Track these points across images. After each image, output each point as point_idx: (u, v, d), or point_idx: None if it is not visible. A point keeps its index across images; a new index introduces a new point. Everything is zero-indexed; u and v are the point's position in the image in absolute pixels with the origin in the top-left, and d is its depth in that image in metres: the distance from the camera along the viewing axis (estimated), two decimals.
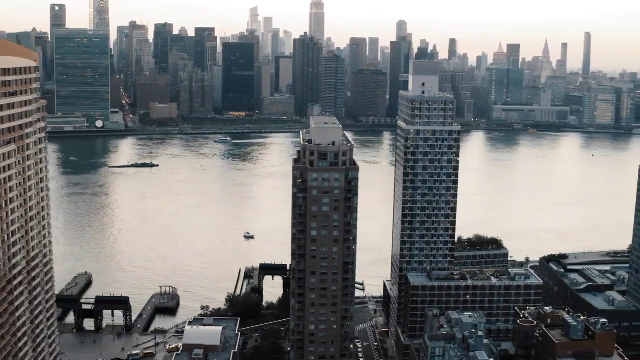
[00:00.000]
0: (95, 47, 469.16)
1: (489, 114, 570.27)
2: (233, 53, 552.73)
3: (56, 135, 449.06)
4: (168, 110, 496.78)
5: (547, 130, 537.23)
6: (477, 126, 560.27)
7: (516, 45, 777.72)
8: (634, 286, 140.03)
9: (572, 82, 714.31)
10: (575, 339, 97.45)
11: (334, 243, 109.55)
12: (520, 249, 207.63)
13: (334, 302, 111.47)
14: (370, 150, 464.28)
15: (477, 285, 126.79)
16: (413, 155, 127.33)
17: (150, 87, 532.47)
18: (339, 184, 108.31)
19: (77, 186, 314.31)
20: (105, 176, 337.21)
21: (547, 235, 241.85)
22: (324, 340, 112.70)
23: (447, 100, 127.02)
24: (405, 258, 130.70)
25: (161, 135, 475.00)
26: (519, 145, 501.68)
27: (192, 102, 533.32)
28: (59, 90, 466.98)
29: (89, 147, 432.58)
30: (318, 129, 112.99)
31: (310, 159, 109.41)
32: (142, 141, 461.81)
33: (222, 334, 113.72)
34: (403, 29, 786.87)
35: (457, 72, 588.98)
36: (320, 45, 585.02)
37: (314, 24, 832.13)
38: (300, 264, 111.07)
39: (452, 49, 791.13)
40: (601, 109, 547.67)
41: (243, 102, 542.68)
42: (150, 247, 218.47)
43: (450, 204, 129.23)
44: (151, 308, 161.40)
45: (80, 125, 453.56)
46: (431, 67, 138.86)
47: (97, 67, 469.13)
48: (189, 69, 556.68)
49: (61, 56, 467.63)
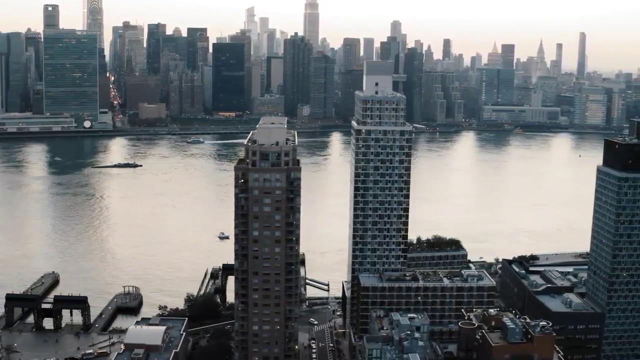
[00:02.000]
0: (84, 48, 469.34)
1: (479, 115, 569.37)
2: (223, 53, 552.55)
3: (44, 135, 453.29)
4: (157, 110, 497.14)
5: (537, 131, 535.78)
6: (467, 126, 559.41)
7: (510, 45, 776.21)
8: (592, 288, 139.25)
9: (566, 82, 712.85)
10: (513, 342, 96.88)
11: (276, 243, 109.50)
12: (496, 249, 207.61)
13: (277, 303, 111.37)
14: None
15: (428, 287, 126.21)
16: (364, 155, 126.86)
17: (139, 87, 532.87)
18: (280, 184, 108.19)
19: (59, 186, 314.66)
20: (88, 176, 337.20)
21: (526, 236, 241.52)
22: (267, 341, 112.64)
23: (398, 100, 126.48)
24: (357, 259, 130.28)
25: (150, 136, 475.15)
26: (509, 145, 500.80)
27: (181, 103, 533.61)
28: (47, 90, 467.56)
29: (76, 148, 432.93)
30: (261, 130, 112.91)
31: (253, 159, 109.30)
32: (131, 141, 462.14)
33: (166, 333, 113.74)
34: (397, 29, 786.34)
35: (447, 73, 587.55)
36: (310, 45, 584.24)
37: (308, 24, 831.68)
38: (243, 264, 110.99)
39: (447, 49, 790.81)
40: (592, 109, 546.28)
41: (233, 103, 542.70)
42: (123, 246, 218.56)
43: (402, 204, 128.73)
44: (112, 308, 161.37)
45: (69, 126, 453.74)
46: (384, 67, 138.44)
47: (85, 68, 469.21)
48: (180, 69, 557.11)
49: (50, 56, 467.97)
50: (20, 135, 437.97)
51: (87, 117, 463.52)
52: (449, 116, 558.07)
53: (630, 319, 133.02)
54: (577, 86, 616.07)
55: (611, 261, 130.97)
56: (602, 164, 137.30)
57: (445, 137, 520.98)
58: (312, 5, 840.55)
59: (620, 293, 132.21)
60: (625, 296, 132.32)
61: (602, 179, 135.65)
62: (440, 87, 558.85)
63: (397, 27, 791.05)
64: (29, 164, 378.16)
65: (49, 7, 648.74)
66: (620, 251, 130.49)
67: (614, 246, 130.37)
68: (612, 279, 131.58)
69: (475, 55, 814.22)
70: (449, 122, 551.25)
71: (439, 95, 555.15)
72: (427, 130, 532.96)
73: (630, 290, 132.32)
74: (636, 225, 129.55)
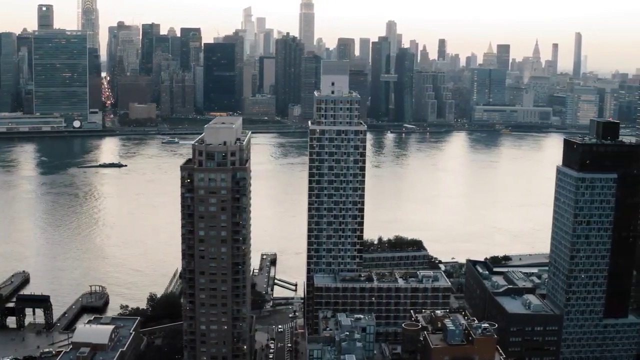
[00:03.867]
0: (74, 48, 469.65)
1: (471, 115, 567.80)
2: (214, 53, 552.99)
3: (34, 135, 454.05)
4: (147, 110, 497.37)
5: (527, 131, 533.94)
6: (458, 127, 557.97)
7: (506, 45, 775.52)
8: (552, 289, 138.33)
9: (561, 82, 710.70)
10: (453, 344, 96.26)
11: (221, 243, 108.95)
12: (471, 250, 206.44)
13: (224, 303, 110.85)
14: None
15: (383, 287, 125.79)
16: (318, 155, 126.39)
17: (131, 87, 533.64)
18: (225, 184, 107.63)
19: (43, 186, 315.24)
20: (73, 176, 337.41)
21: (505, 236, 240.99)
22: (215, 341, 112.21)
23: (352, 100, 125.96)
24: (312, 259, 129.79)
25: (140, 136, 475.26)
26: (500, 146, 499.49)
27: (172, 103, 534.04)
28: (37, 90, 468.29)
29: (65, 148, 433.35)
30: (209, 130, 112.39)
31: (199, 159, 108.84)
32: (121, 141, 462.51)
33: (115, 332, 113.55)
34: (392, 29, 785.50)
35: (438, 73, 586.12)
36: (302, 45, 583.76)
37: (303, 24, 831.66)
38: (190, 264, 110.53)
39: (442, 49, 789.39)
40: (584, 109, 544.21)
41: (224, 103, 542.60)
42: (97, 246, 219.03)
43: (357, 204, 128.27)
44: (76, 307, 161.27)
45: (58, 126, 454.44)
46: (340, 66, 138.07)
47: (75, 68, 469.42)
48: (172, 70, 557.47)
49: (40, 56, 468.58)
50: (10, 135, 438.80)
51: (77, 117, 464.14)
52: (440, 116, 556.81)
53: (590, 321, 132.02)
54: (569, 86, 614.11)
55: (569, 262, 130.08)
56: (561, 164, 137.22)
57: (436, 138, 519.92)
58: (307, 5, 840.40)
59: (579, 295, 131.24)
60: (583, 298, 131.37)
61: (561, 179, 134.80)
62: (432, 87, 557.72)
63: (392, 27, 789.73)
64: (16, 163, 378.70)
65: (43, 7, 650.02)
66: (577, 252, 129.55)
67: (572, 247, 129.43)
68: (570, 280, 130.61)
69: (471, 56, 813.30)
70: (439, 123, 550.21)
71: (430, 96, 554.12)
72: (417, 131, 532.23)
73: (588, 292, 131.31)
74: (594, 226, 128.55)
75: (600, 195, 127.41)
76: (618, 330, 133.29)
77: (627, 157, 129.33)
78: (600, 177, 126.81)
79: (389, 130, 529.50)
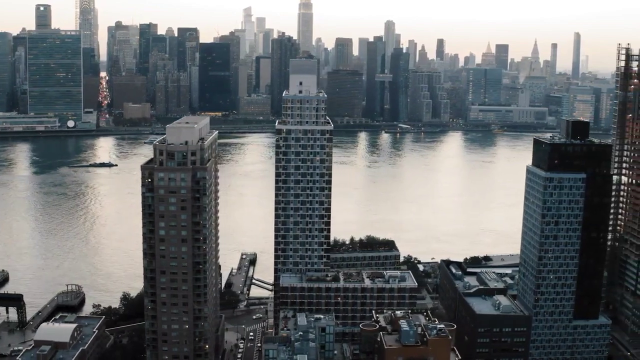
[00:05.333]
0: (68, 48, 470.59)
1: (466, 115, 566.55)
2: (209, 53, 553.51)
3: (28, 135, 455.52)
4: (141, 110, 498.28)
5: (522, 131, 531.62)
6: (453, 126, 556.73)
7: (505, 45, 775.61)
8: (522, 290, 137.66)
9: (559, 82, 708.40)
10: (407, 345, 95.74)
11: (182, 243, 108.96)
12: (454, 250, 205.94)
13: (185, 302, 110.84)
14: (342, 151, 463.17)
15: (348, 288, 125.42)
16: (285, 155, 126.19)
17: (126, 87, 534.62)
18: (185, 184, 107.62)
19: (33, 186, 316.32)
20: (64, 176, 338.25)
21: (490, 237, 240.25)
22: (177, 340, 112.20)
23: (319, 100, 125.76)
24: (279, 259, 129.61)
25: (134, 135, 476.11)
26: (494, 146, 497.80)
27: (167, 102, 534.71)
28: (31, 90, 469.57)
29: (59, 147, 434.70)
30: (171, 129, 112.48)
31: (160, 158, 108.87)
32: (117, 141, 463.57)
33: (77, 331, 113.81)
34: (391, 29, 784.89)
35: (433, 73, 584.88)
36: (297, 45, 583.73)
37: (302, 24, 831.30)
38: (151, 263, 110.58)
39: (440, 49, 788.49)
40: (580, 109, 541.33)
41: (219, 102, 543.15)
42: (80, 245, 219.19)
43: (324, 204, 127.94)
44: (51, 306, 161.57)
45: (52, 125, 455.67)
46: (308, 65, 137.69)
47: (69, 68, 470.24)
48: (167, 69, 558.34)
49: (34, 56, 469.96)
50: (4, 135, 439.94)
51: (71, 116, 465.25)
52: (436, 116, 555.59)
53: (559, 322, 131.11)
54: (565, 86, 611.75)
55: (537, 263, 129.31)
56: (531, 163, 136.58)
57: (430, 138, 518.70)
58: (306, 5, 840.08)
59: (548, 296, 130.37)
60: (552, 299, 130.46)
61: (530, 179, 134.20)
62: (427, 87, 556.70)
63: (390, 27, 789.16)
64: (8, 163, 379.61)
65: (40, 7, 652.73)
66: (546, 253, 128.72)
67: (540, 248, 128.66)
68: (539, 281, 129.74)
69: (469, 56, 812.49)
70: (434, 122, 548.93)
71: (425, 96, 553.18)
72: (411, 130, 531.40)
73: (557, 293, 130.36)
74: (562, 227, 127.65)
75: (569, 196, 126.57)
76: (588, 331, 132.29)
77: (597, 157, 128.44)
78: (568, 177, 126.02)
79: (383, 130, 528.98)
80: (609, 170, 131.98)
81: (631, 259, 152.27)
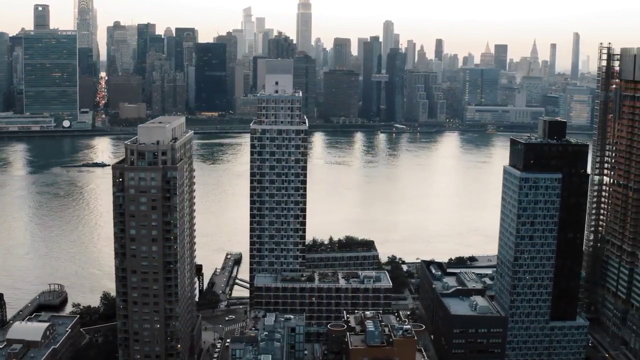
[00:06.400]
0: (64, 48, 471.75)
1: (463, 115, 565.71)
2: (205, 53, 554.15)
3: (24, 135, 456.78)
4: (137, 110, 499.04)
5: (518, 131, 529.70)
6: (449, 127, 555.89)
7: (503, 45, 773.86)
8: (499, 291, 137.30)
9: (558, 82, 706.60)
10: (372, 345, 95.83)
11: (152, 242, 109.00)
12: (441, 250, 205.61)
13: (156, 302, 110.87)
14: (337, 151, 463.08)
15: (323, 288, 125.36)
16: (259, 155, 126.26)
17: (122, 87, 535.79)
18: (156, 183, 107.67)
19: (25, 185, 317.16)
20: (56, 175, 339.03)
21: (478, 237, 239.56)
22: (148, 339, 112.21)
23: (294, 99, 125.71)
24: (255, 259, 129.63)
25: (130, 135, 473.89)
26: (490, 146, 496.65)
27: (164, 102, 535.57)
28: (27, 90, 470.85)
29: (54, 147, 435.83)
30: (142, 129, 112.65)
31: (131, 158, 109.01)
32: (112, 141, 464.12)
33: (50, 330, 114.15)
34: (390, 29, 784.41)
35: (430, 73, 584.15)
36: (294, 45, 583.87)
37: (301, 24, 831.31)
38: (123, 263, 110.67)
39: (439, 49, 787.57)
40: (576, 109, 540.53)
41: (215, 103, 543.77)
42: (66, 245, 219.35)
43: (299, 204, 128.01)
44: (32, 305, 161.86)
45: (48, 125, 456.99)
46: (284, 65, 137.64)
47: (65, 68, 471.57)
48: (164, 69, 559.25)
49: (29, 56, 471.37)
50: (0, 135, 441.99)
51: (66, 116, 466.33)
52: (432, 116, 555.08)
53: (535, 323, 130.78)
54: (563, 86, 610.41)
55: (513, 263, 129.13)
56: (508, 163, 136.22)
57: (427, 138, 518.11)
58: (304, 5, 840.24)
59: (524, 296, 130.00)
60: (528, 300, 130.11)
61: (506, 179, 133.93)
62: (424, 87, 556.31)
63: (389, 27, 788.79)
64: (2, 163, 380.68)
65: (39, 7, 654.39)
66: (522, 253, 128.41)
67: (516, 248, 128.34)
68: (515, 281, 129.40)
69: (468, 56, 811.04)
70: (431, 123, 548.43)
71: (421, 96, 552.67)
72: (407, 131, 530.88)
73: (533, 294, 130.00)
74: (538, 227, 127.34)
75: (545, 196, 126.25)
76: (565, 333, 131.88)
77: (573, 157, 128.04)
78: (544, 177, 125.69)
79: (379, 131, 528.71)
80: (585, 170, 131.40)
81: (612, 259, 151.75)
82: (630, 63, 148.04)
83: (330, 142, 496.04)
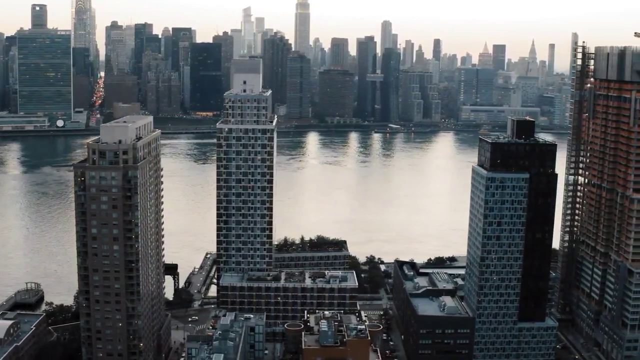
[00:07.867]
0: (58, 47, 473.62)
1: (458, 115, 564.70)
2: (200, 53, 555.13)
3: (18, 134, 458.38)
4: (131, 110, 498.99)
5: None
6: (443, 127, 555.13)
7: (502, 45, 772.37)
8: (467, 292, 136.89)
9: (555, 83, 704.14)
10: (325, 345, 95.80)
11: (114, 241, 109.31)
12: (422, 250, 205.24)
13: (118, 300, 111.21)
14: (331, 151, 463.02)
15: (288, 287, 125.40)
16: (226, 154, 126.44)
17: (117, 87, 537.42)
18: (116, 183, 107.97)
19: (14, 185, 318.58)
20: (47, 175, 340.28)
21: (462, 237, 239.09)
22: (110, 338, 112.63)
23: (260, 99, 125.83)
24: (222, 258, 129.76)
25: None
26: None
27: (158, 102, 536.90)
28: (21, 90, 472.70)
29: (47, 147, 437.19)
30: (105, 128, 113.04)
31: (93, 157, 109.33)
32: None
33: (14, 327, 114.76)
34: (387, 29, 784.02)
35: (425, 73, 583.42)
36: (289, 45, 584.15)
37: (299, 24, 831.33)
38: (85, 262, 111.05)
39: (437, 49, 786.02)
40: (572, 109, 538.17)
41: (210, 102, 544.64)
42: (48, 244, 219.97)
43: (265, 203, 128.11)
44: (8, 304, 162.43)
45: (41, 125, 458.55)
46: (252, 65, 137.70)
47: (59, 67, 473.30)
48: (159, 69, 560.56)
49: (24, 56, 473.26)
50: None
51: (60, 116, 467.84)
52: (427, 116, 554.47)
53: (503, 324, 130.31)
54: (559, 86, 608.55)
55: (480, 264, 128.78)
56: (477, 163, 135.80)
57: (421, 138, 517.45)
58: (303, 5, 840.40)
59: (491, 297, 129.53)
60: (496, 300, 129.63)
61: (474, 179, 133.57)
62: (418, 87, 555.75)
63: (387, 27, 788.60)
64: None
65: (36, 7, 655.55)
66: (488, 254, 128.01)
67: (483, 248, 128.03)
68: (482, 282, 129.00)
69: (466, 56, 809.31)
70: (425, 123, 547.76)
71: (416, 96, 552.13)
72: (402, 131, 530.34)
73: (501, 295, 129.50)
74: (505, 227, 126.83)
75: (512, 196, 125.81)
76: (534, 334, 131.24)
77: (541, 156, 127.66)
78: (511, 176, 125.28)
79: (374, 131, 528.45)
80: (554, 170, 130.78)
81: (587, 260, 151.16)
82: (603, 62, 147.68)
83: (324, 142, 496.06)
